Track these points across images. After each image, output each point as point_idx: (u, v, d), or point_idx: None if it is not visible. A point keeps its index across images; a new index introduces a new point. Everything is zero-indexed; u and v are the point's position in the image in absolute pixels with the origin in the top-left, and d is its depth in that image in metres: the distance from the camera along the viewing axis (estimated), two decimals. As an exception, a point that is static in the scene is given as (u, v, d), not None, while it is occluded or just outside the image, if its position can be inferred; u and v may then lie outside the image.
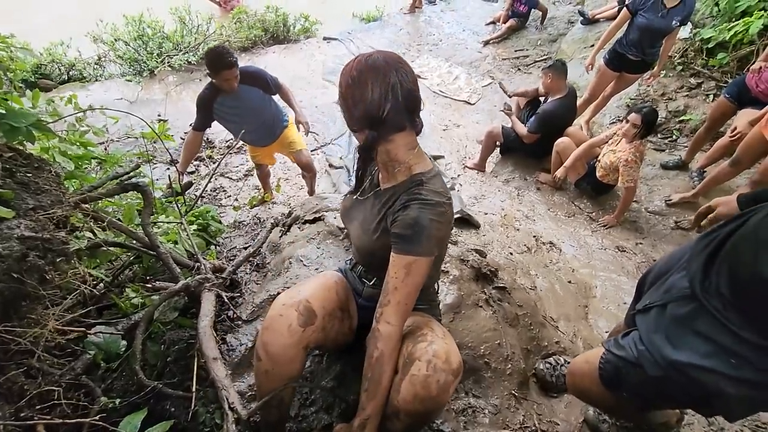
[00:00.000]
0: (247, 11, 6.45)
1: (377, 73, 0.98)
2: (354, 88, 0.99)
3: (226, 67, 2.59)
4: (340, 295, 1.21)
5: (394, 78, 0.98)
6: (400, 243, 1.01)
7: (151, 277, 1.71)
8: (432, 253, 1.02)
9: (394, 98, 0.98)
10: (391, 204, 1.06)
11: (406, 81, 0.99)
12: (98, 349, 1.29)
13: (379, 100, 0.97)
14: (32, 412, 0.98)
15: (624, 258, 2.93)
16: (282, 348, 1.06)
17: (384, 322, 1.03)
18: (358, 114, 1.01)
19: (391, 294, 1.02)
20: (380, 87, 0.97)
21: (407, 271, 1.00)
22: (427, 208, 1.00)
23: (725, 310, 0.93)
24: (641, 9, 3.28)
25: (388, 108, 0.98)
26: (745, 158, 2.75)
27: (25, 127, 1.18)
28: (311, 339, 1.09)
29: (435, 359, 0.97)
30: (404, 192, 1.04)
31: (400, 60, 1.02)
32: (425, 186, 1.03)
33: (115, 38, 5.50)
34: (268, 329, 1.08)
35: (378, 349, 1.03)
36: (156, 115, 4.79)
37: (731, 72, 3.95)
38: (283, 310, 1.08)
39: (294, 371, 1.10)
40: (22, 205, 1.07)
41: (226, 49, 2.64)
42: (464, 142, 4.73)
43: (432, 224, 0.99)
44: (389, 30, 6.82)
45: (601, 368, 1.20)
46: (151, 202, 1.59)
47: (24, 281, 0.96)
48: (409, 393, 0.97)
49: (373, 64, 0.98)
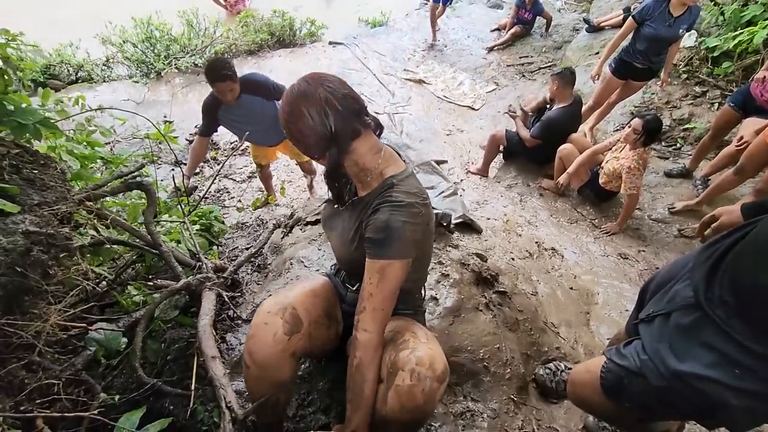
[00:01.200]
0: (254, 15, 6.51)
1: (306, 97, 0.97)
2: (294, 122, 0.98)
3: (218, 79, 2.60)
4: (326, 301, 1.20)
5: (323, 92, 0.97)
6: (373, 248, 1.00)
7: (153, 275, 1.72)
8: (406, 256, 1.01)
9: (333, 110, 0.97)
10: (366, 211, 1.05)
11: (335, 89, 0.99)
12: (99, 346, 1.29)
13: (321, 118, 0.97)
14: (32, 405, 0.99)
15: (626, 265, 2.91)
16: (268, 357, 1.05)
17: (361, 330, 1.01)
18: (311, 142, 1.00)
19: (367, 300, 1.00)
20: (315, 107, 0.96)
21: (381, 275, 0.99)
22: (397, 210, 0.98)
23: (729, 320, 0.92)
24: (648, 19, 3.29)
25: (332, 122, 0.97)
26: (749, 167, 2.74)
27: (32, 125, 1.20)
28: (298, 346, 1.08)
29: (418, 367, 0.95)
30: (376, 197, 1.03)
31: (321, 74, 1.01)
32: (396, 188, 1.02)
33: (124, 40, 5.56)
34: (253, 338, 1.07)
35: (357, 358, 1.01)
36: (162, 116, 4.83)
37: (736, 81, 3.95)
38: (268, 318, 1.07)
39: (283, 377, 1.09)
40: (27, 200, 1.08)
41: (222, 62, 2.63)
42: (467, 147, 4.74)
43: (404, 226, 0.98)
44: (394, 35, 6.87)
45: (602, 377, 1.18)
46: (155, 201, 1.60)
47: (27, 275, 0.97)
48: (396, 404, 0.96)
49: (298, 90, 0.98)
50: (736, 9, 3.91)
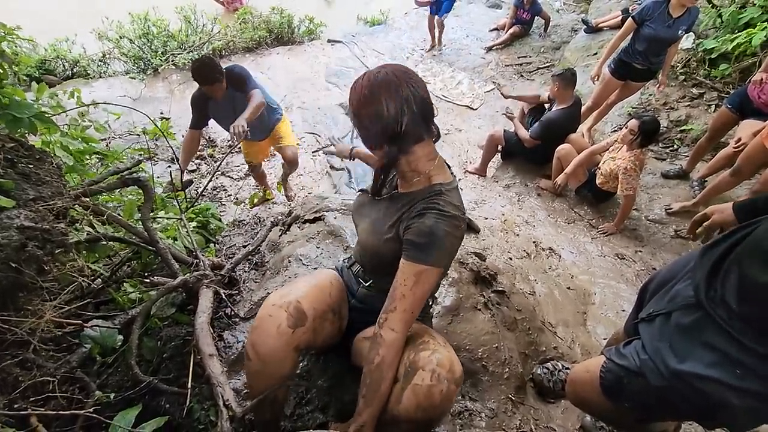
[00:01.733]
0: (252, 12, 6.48)
1: (389, 89, 0.97)
2: (368, 107, 0.98)
3: (207, 82, 2.62)
4: (333, 296, 1.19)
5: (407, 90, 0.97)
6: (413, 250, 1.00)
7: (150, 272, 1.71)
8: (442, 265, 1.01)
9: (410, 111, 0.97)
10: (407, 209, 1.04)
11: (418, 91, 0.98)
12: (94, 343, 1.28)
13: (396, 115, 0.96)
14: (26, 403, 0.97)
15: (623, 265, 2.92)
16: (271, 349, 1.04)
17: (388, 329, 1.01)
18: (375, 131, 1.00)
19: (399, 301, 1.00)
20: (395, 102, 0.96)
21: (417, 279, 0.99)
22: (443, 219, 0.98)
23: (731, 320, 0.92)
24: (648, 19, 3.30)
25: (405, 122, 0.97)
26: (746, 168, 2.76)
27: (27, 118, 1.19)
28: (302, 340, 1.08)
29: (439, 368, 0.95)
30: (422, 200, 1.03)
31: (408, 71, 1.01)
32: (444, 196, 1.02)
33: (120, 36, 5.52)
34: (257, 329, 1.06)
35: (380, 356, 1.01)
36: (159, 112, 4.80)
37: (733, 83, 3.96)
38: (273, 310, 1.06)
39: (285, 371, 1.09)
40: (22, 195, 1.07)
41: (210, 65, 2.62)
42: (466, 147, 4.74)
43: (447, 236, 0.98)
44: (393, 34, 6.85)
45: (602, 377, 1.18)
46: (152, 198, 1.59)
47: (22, 271, 0.96)
48: (412, 403, 0.96)
49: (384, 79, 0.97)
50: (734, 11, 3.93)
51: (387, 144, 1.00)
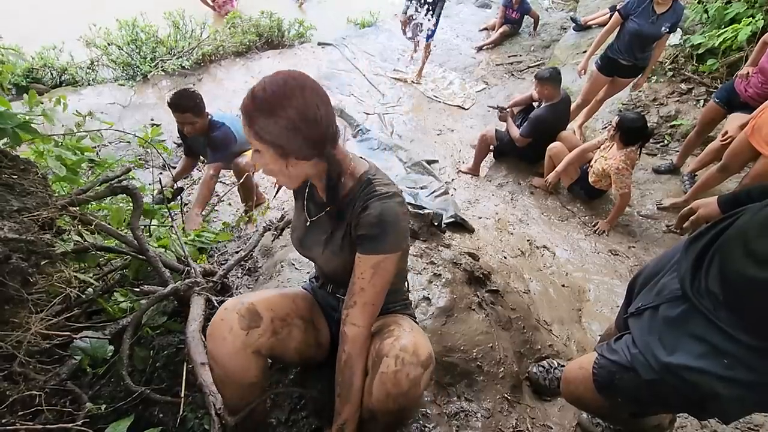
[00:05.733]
0: (241, 16, 6.45)
1: (313, 92, 0.89)
2: (304, 113, 0.87)
3: (178, 109, 2.67)
4: (298, 303, 1.16)
5: (320, 90, 0.91)
6: (367, 243, 0.98)
7: (141, 281, 1.69)
8: (400, 248, 1.00)
9: (329, 110, 0.92)
10: (350, 211, 1.02)
11: (321, 90, 0.93)
12: (84, 354, 1.26)
13: (328, 116, 0.91)
14: (14, 418, 0.96)
15: (617, 261, 2.94)
16: (227, 355, 1.00)
17: (350, 324, 1.00)
18: (316, 138, 0.91)
19: (358, 295, 0.99)
20: (320, 103, 0.90)
21: (374, 270, 0.98)
22: (387, 200, 0.97)
23: (716, 310, 0.93)
24: (632, 14, 3.33)
25: (332, 122, 0.93)
26: (733, 164, 2.79)
27: (11, 129, 1.17)
28: (260, 343, 1.03)
29: (402, 353, 0.95)
30: (359, 195, 1.01)
31: (298, 73, 0.92)
32: (375, 182, 1.01)
33: (109, 42, 5.47)
34: (210, 336, 1.03)
35: (345, 352, 1.01)
36: (149, 119, 4.76)
37: (721, 77, 4.01)
38: (224, 314, 1.02)
39: (250, 377, 1.05)
40: (6, 206, 1.05)
41: (186, 94, 2.67)
42: (458, 147, 4.75)
43: (397, 217, 0.97)
44: (384, 35, 6.85)
45: (594, 373, 1.19)
46: (141, 206, 1.57)
47: (6, 284, 0.94)
48: (381, 392, 0.96)
49: (300, 84, 0.88)
50: (720, 7, 3.97)
51: (325, 148, 0.94)
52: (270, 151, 0.91)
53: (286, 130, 0.87)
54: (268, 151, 0.91)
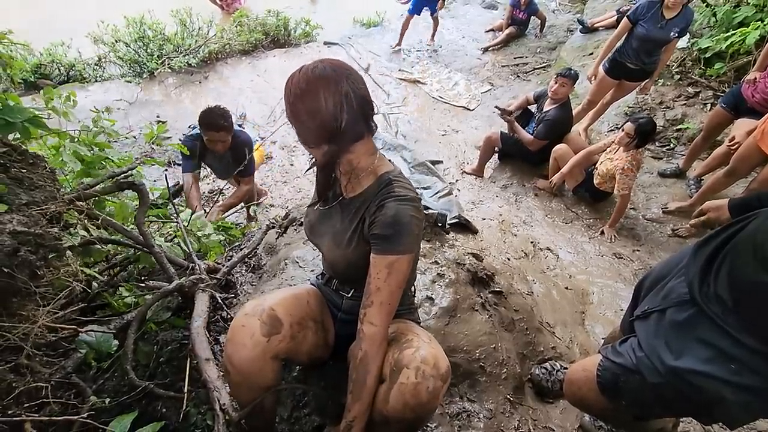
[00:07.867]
0: (248, 14, 6.47)
1: (328, 83, 0.93)
2: (305, 102, 0.93)
3: (211, 128, 2.59)
4: (311, 305, 1.17)
5: (346, 86, 0.93)
6: (381, 243, 0.99)
7: (146, 276, 1.70)
8: (413, 250, 1.00)
9: (349, 107, 0.93)
10: (365, 209, 1.03)
11: (357, 87, 0.95)
12: (89, 348, 1.27)
13: (335, 111, 0.93)
14: (20, 409, 0.96)
15: (621, 265, 2.92)
16: (247, 360, 1.02)
17: (368, 323, 1.01)
18: (313, 128, 0.96)
19: (374, 295, 1.00)
20: (333, 97, 0.92)
21: (389, 270, 0.98)
22: (404, 204, 0.98)
23: (724, 315, 0.92)
24: (641, 19, 3.32)
25: (344, 118, 0.93)
26: (740, 168, 2.77)
27: (20, 123, 1.18)
28: (279, 349, 1.05)
29: (423, 365, 0.95)
30: (376, 194, 1.02)
31: (347, 67, 0.98)
32: (395, 183, 1.01)
33: (116, 39, 5.50)
34: (230, 341, 1.04)
35: (362, 350, 1.01)
36: (155, 116, 4.79)
37: (728, 81, 3.98)
38: (245, 320, 1.04)
39: (267, 381, 1.06)
40: (15, 200, 1.06)
41: (219, 113, 2.60)
42: (463, 148, 4.74)
43: (412, 220, 0.98)
44: (389, 35, 6.86)
45: (599, 376, 1.18)
46: (147, 201, 1.58)
47: (15, 276, 0.95)
48: (399, 402, 0.95)
49: (322, 73, 0.93)
50: (728, 10, 3.95)
51: (326, 143, 0.97)
52: (294, 130, 1.01)
53: (293, 118, 0.98)
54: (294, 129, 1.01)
